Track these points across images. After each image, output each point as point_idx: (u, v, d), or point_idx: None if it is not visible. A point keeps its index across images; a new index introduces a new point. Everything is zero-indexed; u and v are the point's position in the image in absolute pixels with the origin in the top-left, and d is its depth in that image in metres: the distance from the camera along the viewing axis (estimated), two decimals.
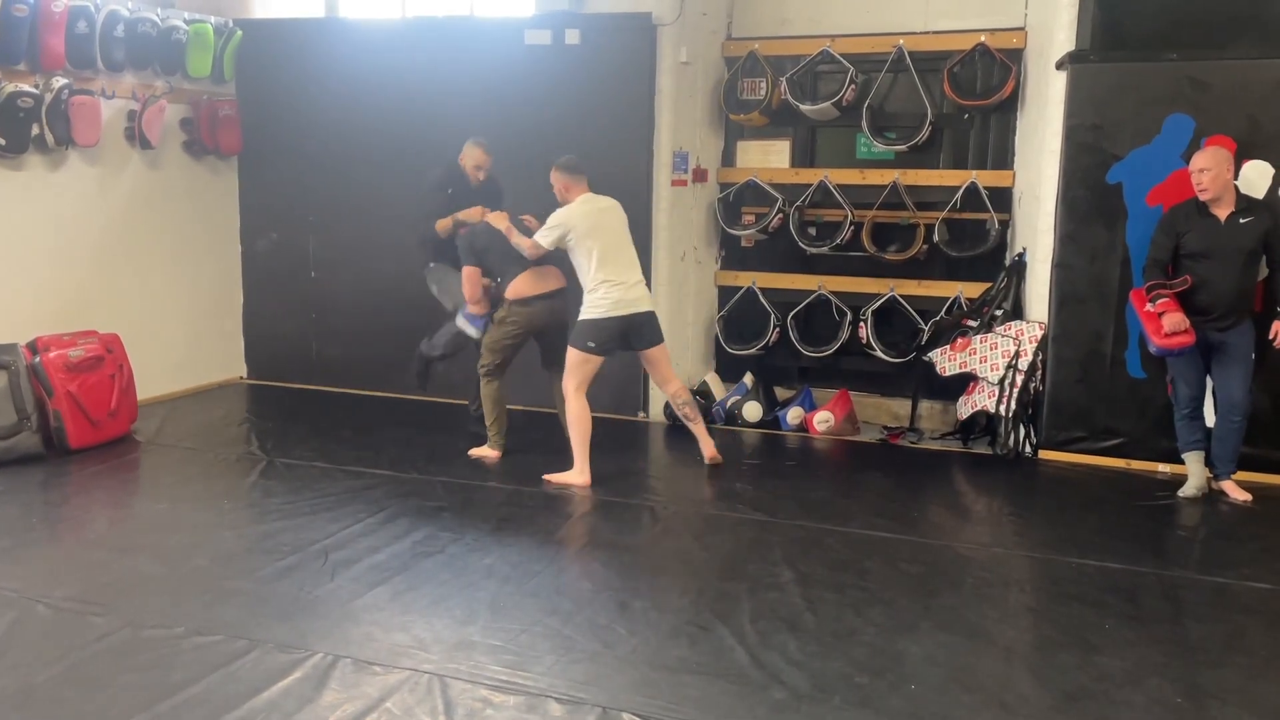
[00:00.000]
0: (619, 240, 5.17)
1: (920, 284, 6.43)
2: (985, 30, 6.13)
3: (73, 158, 6.07)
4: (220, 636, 3.39)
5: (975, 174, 6.26)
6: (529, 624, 3.54)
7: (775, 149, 6.77)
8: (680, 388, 5.45)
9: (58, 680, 3.11)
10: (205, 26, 6.63)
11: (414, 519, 4.63)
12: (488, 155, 5.74)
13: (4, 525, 4.42)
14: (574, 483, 5.07)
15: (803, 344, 6.54)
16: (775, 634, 3.49)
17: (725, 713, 2.99)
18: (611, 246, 5.11)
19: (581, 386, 5.13)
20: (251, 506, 4.81)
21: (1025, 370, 5.65)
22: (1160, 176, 5.30)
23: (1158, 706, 3.08)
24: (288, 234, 7.23)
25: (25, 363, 5.44)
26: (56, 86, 5.73)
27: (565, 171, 5.21)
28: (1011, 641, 3.54)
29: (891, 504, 5.00)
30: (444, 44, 6.67)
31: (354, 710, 2.96)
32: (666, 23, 6.20)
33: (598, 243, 5.06)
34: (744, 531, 4.56)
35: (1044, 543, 4.50)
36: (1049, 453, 5.70)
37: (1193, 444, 5.06)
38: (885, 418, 6.61)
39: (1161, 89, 5.30)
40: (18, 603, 3.62)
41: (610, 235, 5.13)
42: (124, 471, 5.37)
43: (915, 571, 4.10)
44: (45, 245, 5.98)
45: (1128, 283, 5.40)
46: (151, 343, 6.55)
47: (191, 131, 6.86)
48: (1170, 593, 3.94)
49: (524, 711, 2.98)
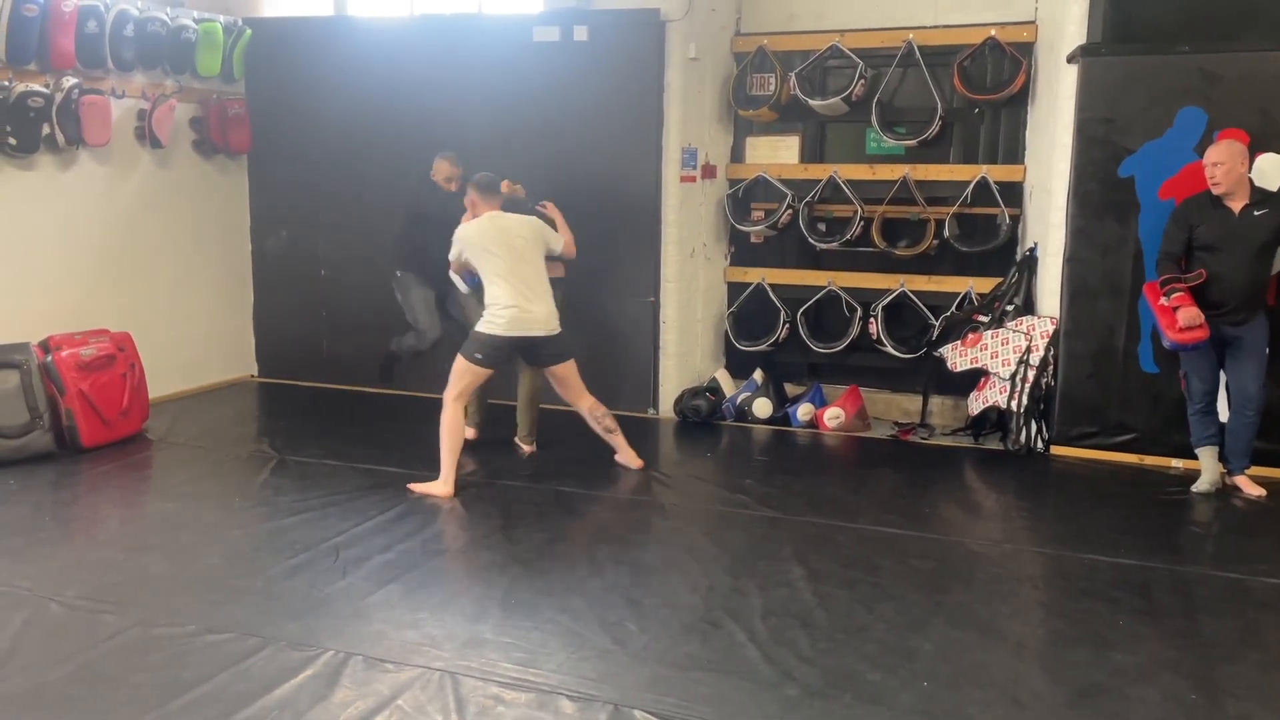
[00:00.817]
0: (521, 260, 5.02)
1: (931, 279, 6.40)
2: (995, 24, 6.10)
3: (83, 157, 6.09)
4: (232, 634, 3.40)
5: (986, 169, 6.24)
6: (540, 621, 3.54)
7: (784, 144, 6.75)
8: (594, 404, 5.28)
9: (69, 678, 3.12)
10: (214, 25, 6.64)
11: (425, 517, 4.63)
12: (456, 167, 5.76)
13: (16, 524, 4.45)
14: (436, 493, 4.86)
15: (813, 340, 6.52)
16: (786, 630, 3.49)
17: (737, 710, 2.99)
18: (511, 266, 4.97)
19: (460, 397, 5.02)
20: (262, 505, 4.81)
21: (1037, 365, 5.63)
22: (1173, 170, 5.27)
23: (1171, 702, 3.06)
24: (298, 232, 7.25)
25: (37, 362, 5.47)
26: (67, 86, 5.75)
27: (475, 189, 5.16)
28: (1024, 637, 3.53)
29: (902, 500, 4.98)
30: (452, 41, 6.67)
31: (366, 708, 2.96)
32: (675, 19, 6.19)
33: (496, 262, 4.97)
34: (754, 528, 4.55)
35: (1056, 538, 4.48)
36: (1061, 448, 5.68)
37: (1206, 439, 5.03)
38: (896, 414, 6.59)
39: (1173, 82, 5.27)
40: (30, 601, 3.64)
41: (510, 255, 4.98)
42: (135, 470, 5.39)
43: (926, 568, 4.09)
44: (56, 245, 6.01)
45: (1140, 277, 5.37)
46: (163, 341, 6.57)
47: (201, 130, 6.87)
48: (1184, 588, 3.92)
49: (535, 709, 2.98)
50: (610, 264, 6.43)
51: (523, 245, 5.05)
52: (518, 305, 4.94)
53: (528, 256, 5.05)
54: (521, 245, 5.04)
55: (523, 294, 4.97)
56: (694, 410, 6.34)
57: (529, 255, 5.06)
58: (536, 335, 5.03)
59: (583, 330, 6.56)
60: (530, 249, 5.08)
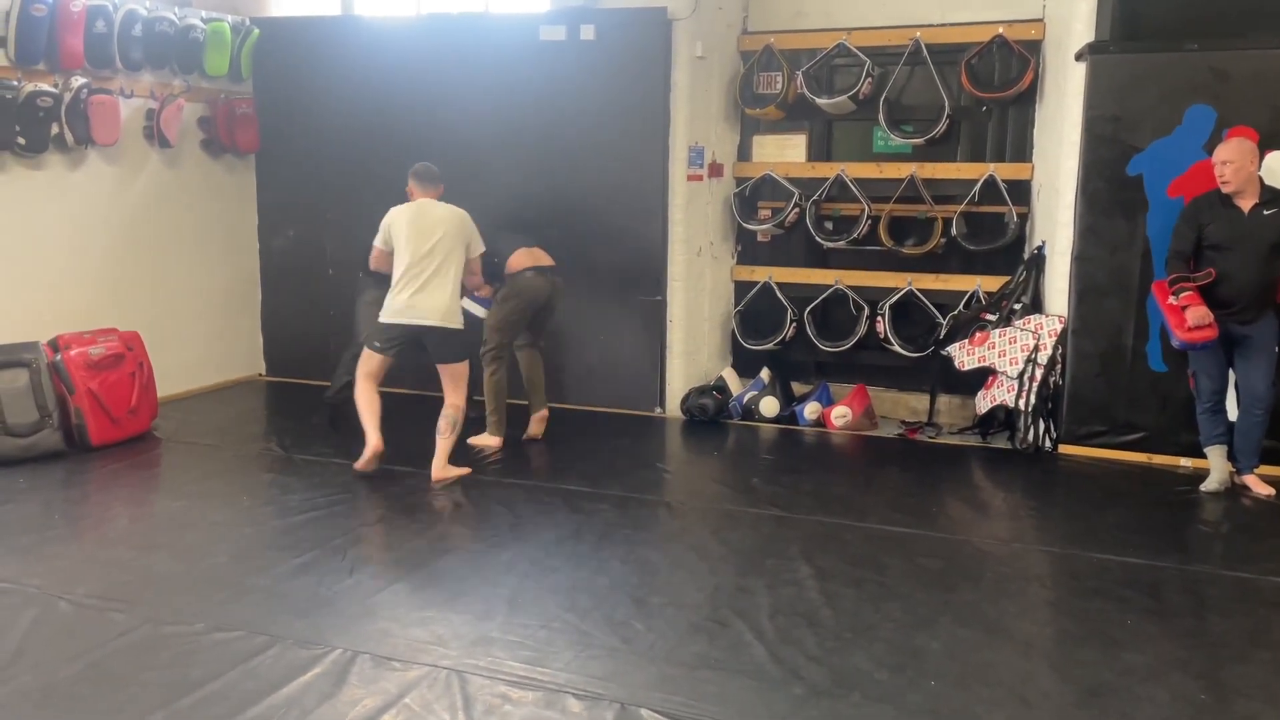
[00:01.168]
0: (431, 251, 5.01)
1: (938, 278, 6.39)
2: (1003, 22, 6.09)
3: (92, 157, 6.11)
4: (240, 633, 3.41)
5: (993, 167, 6.22)
6: (547, 620, 3.55)
7: (791, 143, 6.74)
8: (458, 407, 5.22)
9: (79, 676, 3.13)
10: (222, 25, 6.66)
11: (431, 515, 4.64)
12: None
13: (26, 522, 4.46)
14: (367, 453, 5.08)
15: (820, 339, 6.51)
16: (793, 629, 3.48)
17: (743, 709, 2.99)
18: (419, 254, 5.00)
19: (369, 376, 5.18)
20: (270, 503, 4.83)
21: (1045, 364, 5.62)
22: (1181, 168, 5.25)
23: (1180, 702, 3.06)
24: (305, 231, 7.26)
25: (46, 360, 5.49)
26: (75, 86, 5.77)
27: (413, 177, 5.26)
28: (1032, 637, 3.52)
29: (910, 499, 4.97)
30: (459, 40, 6.67)
31: (373, 706, 2.97)
32: (682, 17, 6.19)
33: (406, 246, 5.02)
34: (761, 527, 4.55)
35: (1064, 538, 4.47)
36: (1069, 447, 5.66)
37: (1215, 438, 5.01)
38: (903, 412, 6.58)
39: (1182, 79, 5.25)
40: (39, 599, 3.65)
41: (421, 243, 5.01)
42: (144, 468, 5.41)
43: (934, 567, 4.08)
44: (65, 244, 6.03)
45: (1148, 275, 5.36)
46: (171, 340, 6.59)
47: (209, 130, 6.89)
48: (1193, 588, 3.91)
49: (542, 707, 2.98)
50: (617, 263, 6.44)
51: (440, 235, 5.06)
52: (410, 292, 5.00)
53: (441, 247, 5.05)
54: (439, 235, 5.06)
55: (419, 282, 5.00)
56: (701, 409, 6.34)
57: (443, 246, 5.06)
58: (426, 325, 5.03)
59: (589, 328, 6.59)
60: (448, 241, 5.08)
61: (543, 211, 6.46)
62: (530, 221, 6.15)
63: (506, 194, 6.67)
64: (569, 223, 6.41)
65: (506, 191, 6.66)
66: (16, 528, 4.38)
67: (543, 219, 6.41)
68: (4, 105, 5.42)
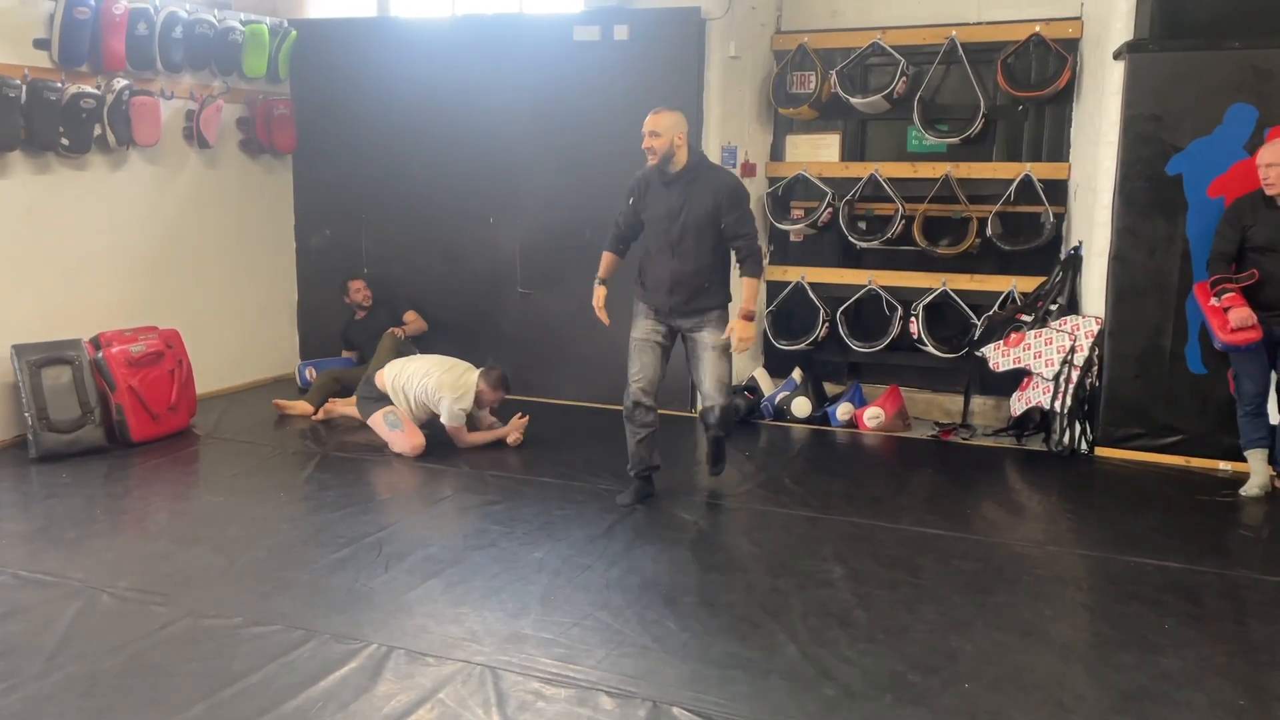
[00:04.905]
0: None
1: (973, 278, 6.34)
2: (1040, 20, 6.03)
3: (133, 157, 6.21)
4: (278, 627, 3.45)
5: (1029, 166, 6.17)
6: (580, 618, 3.56)
7: (825, 142, 6.72)
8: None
9: (122, 668, 3.18)
10: (261, 27, 6.74)
11: (465, 512, 4.68)
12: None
13: (70, 516, 4.55)
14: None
15: (852, 339, 6.49)
16: (826, 630, 3.48)
17: (776, 709, 2.99)
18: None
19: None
20: (307, 499, 4.88)
21: (1081, 366, 5.56)
22: (1222, 168, 5.18)
23: (1219, 708, 3.02)
24: (341, 230, 7.34)
25: (88, 358, 5.58)
26: (117, 87, 5.86)
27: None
28: (1068, 640, 3.49)
29: (944, 501, 4.95)
30: (494, 41, 6.71)
31: (408, 700, 3.00)
32: (715, 17, 6.19)
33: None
34: (794, 527, 4.54)
35: (1101, 541, 4.43)
36: (1105, 450, 5.61)
37: (1256, 441, 4.94)
38: (937, 414, 6.54)
39: (1223, 78, 5.18)
40: (83, 592, 3.72)
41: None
42: (184, 464, 5.49)
43: (968, 569, 4.05)
44: (107, 243, 6.13)
45: (1188, 276, 5.29)
46: (210, 338, 6.68)
47: (248, 130, 6.98)
48: (1232, 592, 3.86)
49: (575, 704, 3.00)
50: None
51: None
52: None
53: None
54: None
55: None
56: (733, 409, 6.32)
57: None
58: None
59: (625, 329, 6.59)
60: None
61: (576, 211, 6.49)
62: (560, 223, 6.17)
63: (539, 193, 6.71)
64: (603, 222, 6.41)
65: (539, 191, 6.70)
66: (61, 522, 4.47)
67: (576, 219, 6.43)
68: (48, 107, 5.51)
